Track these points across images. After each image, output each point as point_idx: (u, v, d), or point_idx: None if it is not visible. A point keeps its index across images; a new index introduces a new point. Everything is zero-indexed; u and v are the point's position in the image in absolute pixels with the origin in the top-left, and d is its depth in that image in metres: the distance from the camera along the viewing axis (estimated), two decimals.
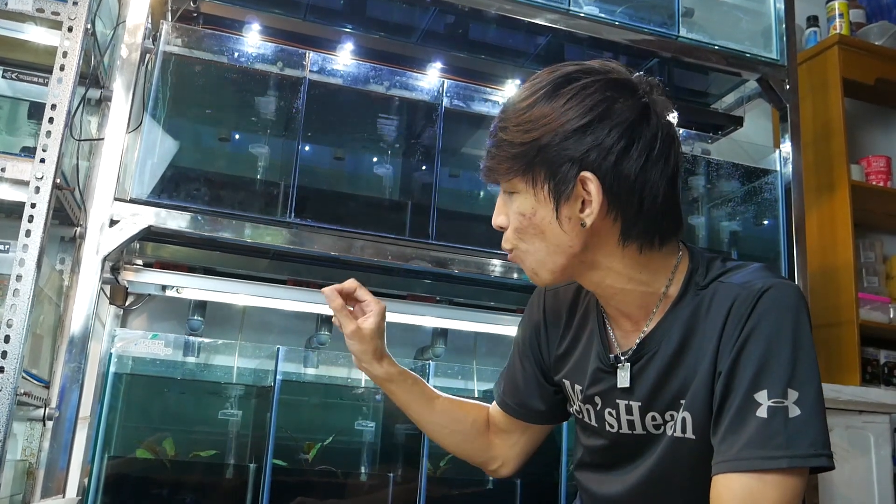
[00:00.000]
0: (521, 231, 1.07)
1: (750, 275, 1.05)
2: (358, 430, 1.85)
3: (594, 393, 1.17)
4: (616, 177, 1.00)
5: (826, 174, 2.87)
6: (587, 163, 1.00)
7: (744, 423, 0.96)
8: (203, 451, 1.74)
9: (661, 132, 1.02)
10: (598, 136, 0.99)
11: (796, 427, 0.94)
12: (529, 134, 1.02)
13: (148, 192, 1.77)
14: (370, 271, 2.09)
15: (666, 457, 1.09)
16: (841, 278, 2.78)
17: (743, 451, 0.95)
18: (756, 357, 0.98)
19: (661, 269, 1.08)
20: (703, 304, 1.06)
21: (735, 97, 2.60)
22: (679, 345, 1.07)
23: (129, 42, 1.81)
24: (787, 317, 0.99)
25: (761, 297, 1.00)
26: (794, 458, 0.93)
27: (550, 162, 1.01)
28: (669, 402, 1.08)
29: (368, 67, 2.07)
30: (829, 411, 2.32)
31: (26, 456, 2.03)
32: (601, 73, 1.03)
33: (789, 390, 0.95)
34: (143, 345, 1.70)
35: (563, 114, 1.00)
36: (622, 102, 1.01)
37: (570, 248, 1.04)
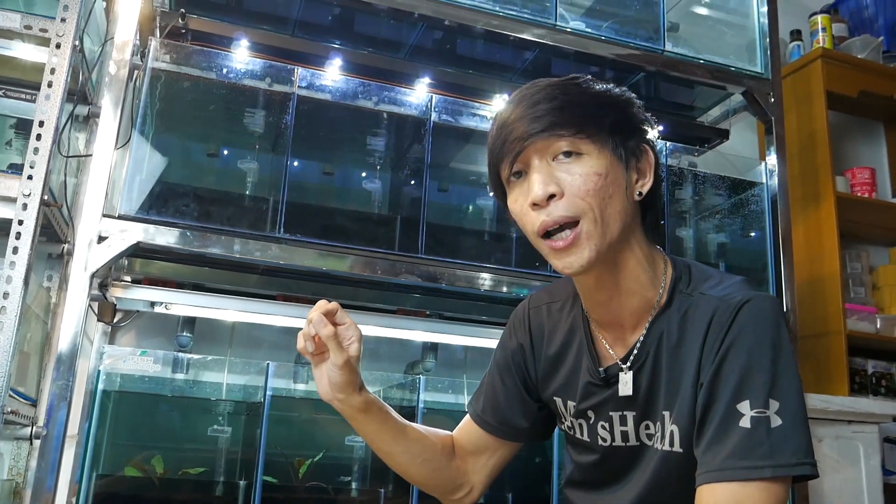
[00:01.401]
0: (593, 193, 1.02)
1: (729, 288, 1.07)
2: (348, 446, 1.84)
3: (586, 407, 1.17)
4: (657, 158, 1.09)
5: (812, 186, 2.90)
6: (647, 134, 1.09)
7: (727, 433, 0.97)
8: (192, 469, 1.72)
9: None
10: (646, 118, 1.10)
11: (779, 436, 0.95)
12: (610, 95, 1.08)
13: (136, 209, 1.77)
14: (360, 286, 2.09)
15: (656, 472, 1.09)
16: (828, 289, 2.79)
17: (727, 461, 0.96)
18: (737, 368, 0.99)
19: (658, 270, 1.11)
20: (686, 313, 1.07)
21: (721, 110, 2.63)
22: (667, 353, 1.08)
23: (118, 58, 1.81)
24: (766, 328, 1.01)
25: (741, 310, 1.02)
26: (777, 467, 0.94)
27: (631, 125, 1.08)
28: (658, 411, 1.09)
29: (357, 83, 2.07)
30: (819, 422, 2.34)
31: (13, 475, 2.01)
32: None
33: (770, 400, 0.97)
34: (131, 362, 1.69)
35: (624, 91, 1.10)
36: None
37: (626, 215, 1.06)
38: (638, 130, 1.08)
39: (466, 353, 2.40)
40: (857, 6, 3.36)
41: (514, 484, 1.90)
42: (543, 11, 2.19)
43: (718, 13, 2.61)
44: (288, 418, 1.82)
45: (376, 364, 2.30)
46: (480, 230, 2.14)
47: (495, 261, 2.02)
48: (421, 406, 1.80)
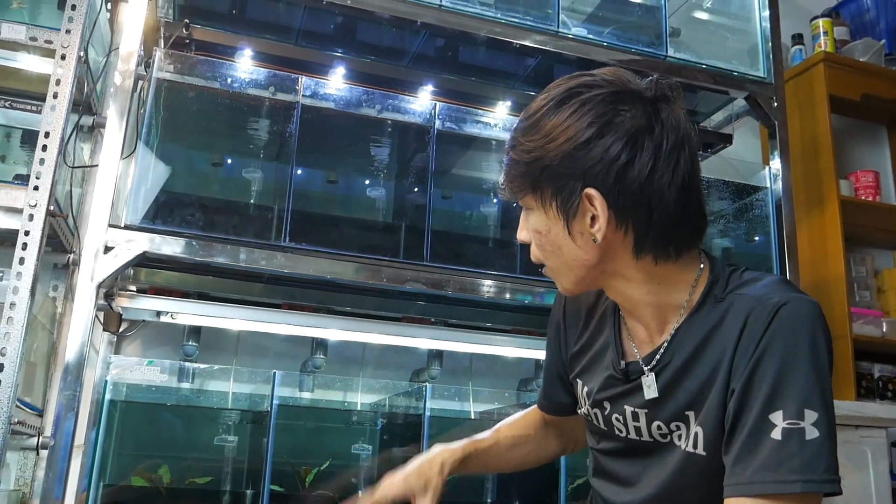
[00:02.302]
0: (540, 247, 1.08)
1: (767, 287, 1.03)
2: (355, 454, 1.84)
3: (603, 398, 1.16)
4: (621, 191, 0.98)
5: (815, 190, 2.90)
6: (591, 179, 0.99)
7: (758, 444, 0.94)
8: (199, 478, 1.72)
9: (666, 140, 0.99)
10: (600, 151, 0.98)
11: (813, 450, 0.92)
12: (533, 153, 1.02)
13: (142, 218, 1.77)
14: (365, 294, 2.09)
15: (677, 471, 1.07)
16: (833, 293, 2.79)
17: (756, 474, 0.93)
18: (771, 375, 0.95)
19: (681, 281, 1.07)
20: (719, 316, 1.04)
21: (724, 115, 2.63)
22: (690, 356, 1.05)
23: (123, 69, 1.81)
24: (803, 334, 0.96)
25: (777, 313, 0.97)
26: (809, 482, 0.91)
27: (555, 180, 1.01)
28: (675, 412, 1.07)
29: (360, 91, 2.08)
30: None
31: (19, 486, 2.01)
32: (603, 86, 1.02)
33: (806, 411, 0.93)
34: (138, 371, 1.69)
35: (564, 131, 0.99)
36: (624, 114, 0.99)
37: (587, 261, 1.04)
38: (571, 182, 1.00)
39: (472, 361, 2.40)
40: (859, 9, 3.36)
41: (521, 490, 1.90)
42: (545, 18, 2.20)
43: (720, 18, 2.61)
44: (294, 427, 1.82)
45: (381, 372, 2.31)
46: (485, 237, 2.15)
47: (500, 268, 2.02)
48: (427, 414, 1.80)
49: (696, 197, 1.03)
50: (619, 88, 1.01)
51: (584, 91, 1.01)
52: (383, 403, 2.11)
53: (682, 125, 1.01)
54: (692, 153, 1.02)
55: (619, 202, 0.99)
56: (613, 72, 1.04)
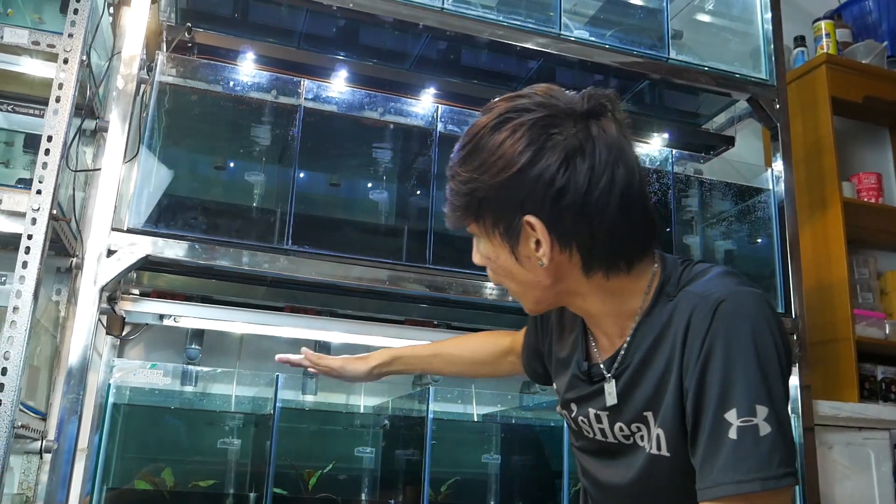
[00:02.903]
0: (493, 272, 1.10)
1: (711, 282, 1.03)
2: (358, 457, 1.84)
3: (570, 399, 1.18)
4: (559, 215, 0.98)
5: (818, 192, 2.89)
6: (528, 206, 0.99)
7: (717, 445, 0.94)
8: (202, 481, 1.72)
9: (599, 158, 0.98)
10: (534, 178, 0.97)
11: (767, 446, 0.92)
12: (470, 184, 1.02)
13: (144, 222, 1.78)
14: (367, 296, 2.09)
15: (644, 472, 1.08)
16: (836, 295, 2.78)
17: (719, 476, 0.93)
18: (719, 375, 0.95)
19: (635, 289, 1.07)
20: (669, 315, 1.04)
21: (726, 117, 2.63)
22: (644, 357, 1.06)
23: (125, 73, 1.82)
24: (744, 329, 0.96)
25: (717, 309, 0.97)
26: (766, 479, 0.91)
27: (494, 209, 1.01)
28: (635, 414, 1.07)
29: (363, 94, 2.08)
30: (829, 429, 2.33)
31: (23, 489, 2.01)
32: (533, 109, 1.00)
33: (757, 407, 0.93)
34: (141, 374, 1.69)
35: (497, 161, 0.99)
36: (556, 137, 0.98)
37: (540, 283, 1.05)
38: (510, 210, 1.00)
39: None
40: (861, 11, 3.36)
41: (525, 492, 1.89)
42: (547, 21, 2.20)
43: (722, 20, 2.62)
44: (297, 430, 1.82)
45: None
46: None
47: None
48: (430, 416, 1.80)
49: (640, 208, 1.02)
50: (550, 111, 1.00)
51: (514, 116, 1.00)
52: (386, 406, 2.11)
53: (615, 139, 1.00)
54: (629, 164, 1.00)
55: (560, 226, 0.99)
56: (546, 91, 1.03)
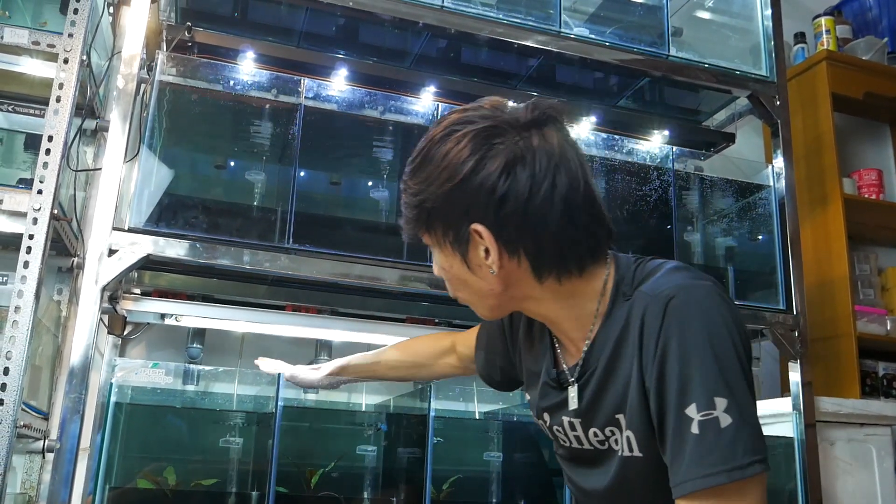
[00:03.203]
0: (449, 282, 1.12)
1: (662, 279, 1.04)
2: (360, 455, 1.84)
3: (543, 408, 1.19)
4: (504, 222, 1.00)
5: (819, 188, 2.89)
6: (474, 215, 1.01)
7: (682, 442, 0.94)
8: (205, 480, 1.72)
9: (539, 166, 1.00)
10: (477, 186, 1.00)
11: (729, 437, 0.91)
12: (419, 196, 1.05)
13: (145, 221, 1.78)
14: (368, 295, 2.09)
15: (619, 475, 1.09)
16: (837, 291, 2.78)
17: (687, 472, 0.93)
18: (676, 372, 0.95)
19: (590, 291, 1.08)
20: (626, 316, 1.05)
21: (726, 114, 2.63)
22: (608, 361, 1.07)
23: (125, 72, 1.82)
24: (695, 323, 0.96)
25: (668, 306, 0.98)
26: (732, 470, 0.90)
27: (443, 219, 1.04)
28: (607, 417, 1.08)
29: (363, 92, 2.08)
30: (831, 425, 2.33)
31: (25, 489, 2.02)
32: (476, 121, 1.03)
33: (716, 399, 0.92)
34: (143, 374, 1.70)
35: (442, 171, 1.02)
36: (497, 146, 1.00)
37: (493, 290, 1.07)
38: (457, 220, 1.02)
39: None
40: (861, 8, 3.36)
41: (527, 490, 1.90)
42: (547, 18, 2.20)
43: (722, 17, 2.61)
44: (299, 428, 1.82)
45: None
46: None
47: None
48: (432, 414, 1.80)
49: (587, 213, 1.03)
50: (494, 122, 1.02)
51: (459, 128, 1.03)
52: (388, 404, 2.11)
53: (557, 147, 1.02)
54: (572, 171, 1.02)
55: (505, 233, 1.01)
56: (493, 104, 1.06)
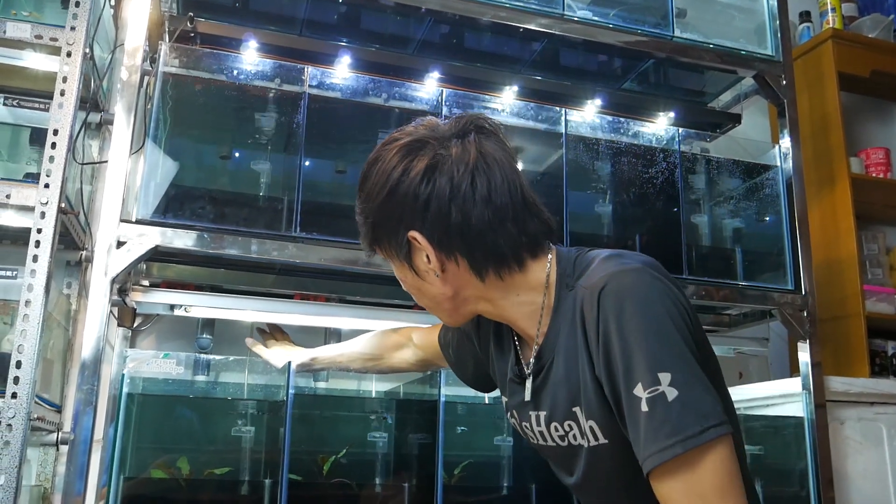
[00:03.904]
0: (409, 291, 1.20)
1: (596, 270, 1.07)
2: (371, 442, 1.85)
3: (512, 405, 1.23)
4: (432, 225, 1.07)
5: (826, 168, 2.88)
6: (407, 222, 1.09)
7: (636, 423, 0.96)
8: (218, 469, 1.73)
9: (457, 170, 1.06)
10: (403, 195, 1.08)
11: (678, 409, 0.93)
12: (364, 213, 1.14)
13: (153, 213, 1.78)
14: (375, 282, 2.09)
15: (592, 467, 1.11)
16: (845, 271, 2.78)
17: (646, 450, 0.95)
18: (619, 356, 0.98)
19: (534, 284, 1.12)
20: (570, 309, 1.09)
21: (732, 95, 2.61)
22: (558, 354, 1.10)
23: (129, 64, 1.82)
24: (628, 307, 0.99)
25: (601, 295, 1.01)
26: (686, 440, 0.92)
27: (385, 231, 1.12)
28: (565, 411, 1.11)
29: (367, 80, 2.08)
30: (841, 404, 2.33)
31: (41, 481, 2.03)
32: (401, 138, 1.11)
33: (660, 375, 0.94)
34: (154, 364, 1.70)
35: (375, 185, 1.10)
36: (421, 156, 1.08)
37: (444, 294, 1.14)
38: (395, 230, 1.10)
39: None
40: None
41: (537, 476, 1.90)
42: (550, 1, 2.19)
43: None
44: (310, 416, 1.83)
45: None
46: None
47: None
48: (442, 400, 1.81)
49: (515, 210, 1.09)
50: (419, 136, 1.11)
51: (389, 145, 1.12)
52: (398, 391, 2.12)
53: (475, 153, 1.08)
54: (493, 174, 1.08)
55: (436, 235, 1.08)
56: (427, 122, 1.14)
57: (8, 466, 1.52)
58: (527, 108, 2.22)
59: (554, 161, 2.19)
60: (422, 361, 1.64)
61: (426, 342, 1.60)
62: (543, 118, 2.21)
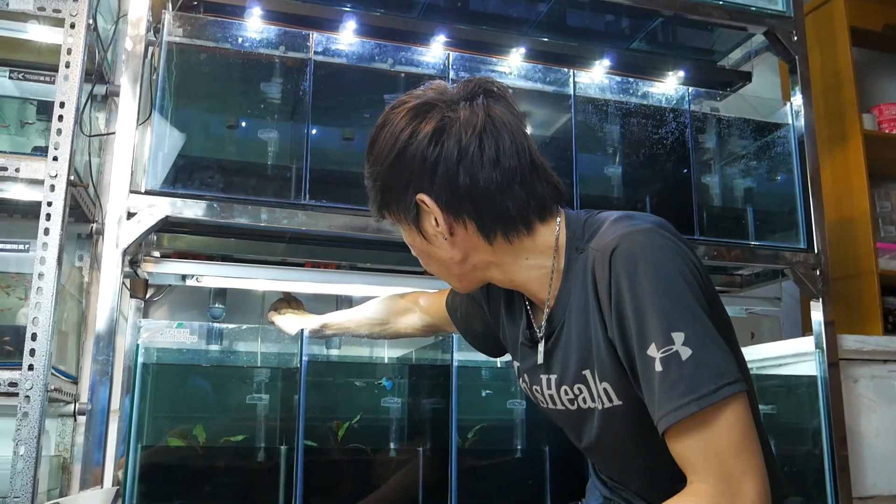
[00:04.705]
0: (418, 257, 1.21)
1: (606, 231, 1.07)
2: (384, 408, 1.86)
3: (523, 370, 1.24)
4: (442, 188, 1.07)
5: (838, 125, 2.84)
6: (416, 185, 1.09)
7: (651, 383, 0.96)
8: (234, 437, 1.75)
9: (465, 133, 1.06)
10: (411, 157, 1.08)
11: (692, 368, 0.93)
12: (371, 178, 1.15)
13: (161, 183, 1.78)
14: (386, 249, 2.09)
15: (605, 428, 1.12)
16: (858, 229, 2.76)
17: (661, 410, 0.95)
18: (632, 317, 0.98)
19: (543, 248, 1.12)
20: (581, 272, 1.09)
21: (742, 52, 2.57)
22: (572, 314, 1.10)
23: (133, 34, 1.80)
24: (639, 267, 0.98)
25: (613, 256, 1.01)
26: (700, 398, 0.92)
27: (394, 195, 1.12)
28: (575, 374, 1.11)
29: (372, 45, 2.06)
30: (854, 362, 2.32)
31: (60, 451, 2.06)
32: (410, 101, 1.11)
33: (673, 334, 0.94)
34: (168, 334, 1.72)
35: (384, 148, 1.10)
36: (429, 118, 1.08)
37: (453, 259, 1.14)
38: (403, 193, 1.10)
39: None
40: None
41: (550, 437, 1.92)
42: None
43: None
44: (323, 383, 1.84)
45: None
46: None
47: None
48: (455, 364, 1.82)
49: (524, 173, 1.09)
50: (427, 99, 1.10)
51: (397, 108, 1.12)
52: (410, 357, 2.13)
53: (483, 116, 1.08)
54: (500, 135, 1.08)
55: (445, 198, 1.08)
56: (435, 86, 1.14)
57: (27, 437, 1.55)
58: (534, 70, 2.20)
59: (563, 123, 2.17)
60: (428, 326, 1.64)
61: (433, 307, 1.61)
62: (551, 80, 2.19)
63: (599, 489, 1.29)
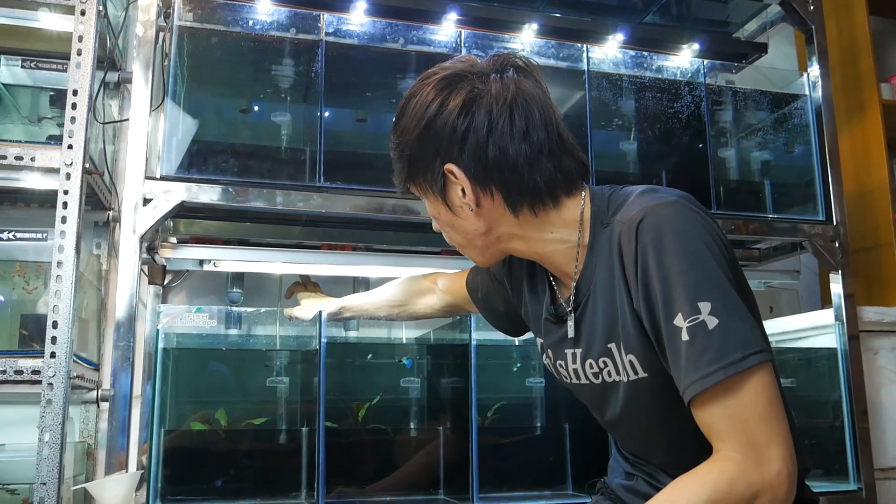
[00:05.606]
0: (441, 229, 1.20)
1: (632, 205, 1.07)
2: (404, 388, 1.87)
3: (548, 345, 1.24)
4: (470, 158, 1.07)
5: (855, 95, 2.81)
6: (444, 155, 1.08)
7: (677, 352, 0.97)
8: (255, 419, 1.76)
9: (494, 104, 1.06)
10: (440, 127, 1.07)
11: (718, 337, 0.94)
12: (399, 147, 1.13)
13: (176, 169, 1.78)
14: (402, 230, 2.09)
15: (632, 401, 1.12)
16: (877, 200, 2.73)
17: (687, 379, 0.95)
18: (658, 287, 0.98)
19: (568, 221, 1.13)
20: (606, 245, 1.09)
21: (757, 23, 2.54)
22: (598, 287, 1.10)
23: (144, 19, 1.80)
24: (666, 238, 0.99)
25: (639, 229, 1.01)
26: (727, 367, 0.93)
27: (421, 165, 1.11)
28: (600, 348, 1.11)
29: (383, 24, 2.04)
30: (874, 334, 2.31)
31: (84, 437, 2.09)
32: (438, 72, 1.11)
33: (700, 304, 0.95)
34: (188, 318, 1.72)
35: (413, 118, 1.10)
36: (460, 90, 1.08)
37: (477, 230, 1.14)
38: (431, 163, 1.10)
39: None
40: None
41: (570, 414, 1.92)
42: None
43: None
44: (342, 364, 1.85)
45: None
46: None
47: None
48: (474, 344, 1.81)
49: (552, 147, 1.09)
50: (456, 71, 1.10)
51: (427, 79, 1.11)
52: (428, 337, 2.13)
53: (513, 89, 1.08)
54: (529, 108, 1.08)
55: (473, 169, 1.08)
56: (464, 59, 1.14)
57: (52, 423, 1.56)
58: (547, 46, 2.18)
59: (577, 100, 2.15)
60: (448, 306, 1.64)
61: (453, 287, 1.61)
62: (565, 56, 2.17)
63: (622, 465, 1.29)
